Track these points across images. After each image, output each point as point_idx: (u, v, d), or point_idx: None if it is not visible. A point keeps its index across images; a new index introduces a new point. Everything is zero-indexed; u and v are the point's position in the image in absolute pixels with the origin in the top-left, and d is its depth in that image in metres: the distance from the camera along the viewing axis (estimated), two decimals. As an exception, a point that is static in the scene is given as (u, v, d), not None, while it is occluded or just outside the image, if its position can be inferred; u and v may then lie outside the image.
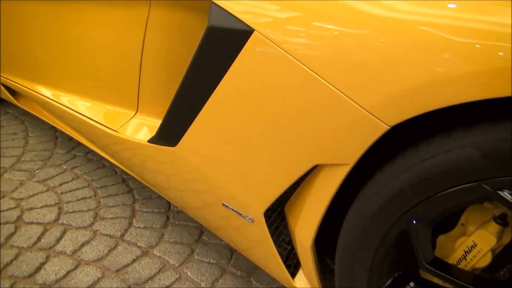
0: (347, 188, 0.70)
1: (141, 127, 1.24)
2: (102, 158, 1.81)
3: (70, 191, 1.54)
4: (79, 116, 1.27)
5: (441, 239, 0.70)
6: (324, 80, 0.60)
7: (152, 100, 1.23)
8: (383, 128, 0.56)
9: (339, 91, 0.59)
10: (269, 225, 0.85)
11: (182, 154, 0.92)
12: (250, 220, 0.86)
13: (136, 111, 1.27)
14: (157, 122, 1.24)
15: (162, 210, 1.48)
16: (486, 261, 0.62)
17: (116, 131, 1.23)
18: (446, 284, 0.69)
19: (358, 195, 0.68)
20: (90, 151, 1.79)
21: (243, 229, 0.90)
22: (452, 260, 0.67)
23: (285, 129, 0.68)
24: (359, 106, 0.57)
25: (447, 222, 0.69)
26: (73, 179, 1.62)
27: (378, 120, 0.56)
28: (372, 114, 0.56)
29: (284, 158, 0.71)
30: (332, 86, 0.59)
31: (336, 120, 0.61)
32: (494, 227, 0.61)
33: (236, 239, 0.97)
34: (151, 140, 1.03)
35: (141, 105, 1.26)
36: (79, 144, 1.85)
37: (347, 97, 0.58)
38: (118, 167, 1.72)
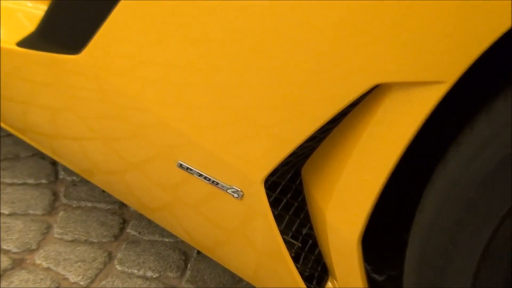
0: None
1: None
2: None
3: None
4: None
5: None
6: None
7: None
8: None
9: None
10: (273, 204, 0.85)
11: (96, 69, 0.91)
12: (236, 195, 0.86)
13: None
14: (29, 6, 1.19)
15: (43, 181, 1.45)
16: None
17: None
18: None
19: (451, 147, 0.68)
20: None
21: (220, 211, 0.91)
22: None
23: (318, 21, 0.68)
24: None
25: None
26: None
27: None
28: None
29: (310, 77, 0.72)
30: None
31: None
32: None
33: (199, 229, 0.98)
34: (25, 42, 1.02)
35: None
36: None
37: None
38: None
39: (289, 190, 0.88)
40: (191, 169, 0.89)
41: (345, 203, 0.79)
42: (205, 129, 0.84)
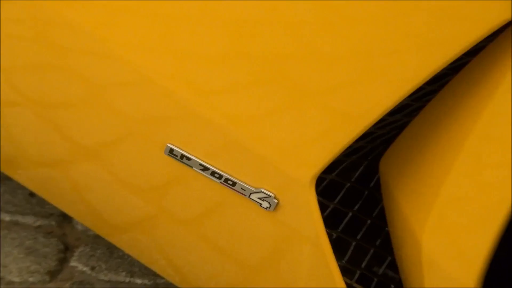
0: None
1: None
2: None
3: None
4: None
5: None
6: None
7: None
8: None
9: None
10: (328, 221, 0.89)
11: None
12: (266, 204, 0.88)
13: None
14: None
15: None
16: None
17: None
18: None
19: None
20: None
21: (237, 231, 0.95)
22: None
23: None
24: None
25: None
26: None
27: None
28: None
29: (398, 8, 0.76)
30: None
31: None
32: None
33: (198, 263, 1.06)
34: None
35: None
36: None
37: None
38: None
39: (357, 198, 0.86)
40: (188, 158, 0.87)
41: (456, 224, 0.80)
42: (215, 94, 0.84)
